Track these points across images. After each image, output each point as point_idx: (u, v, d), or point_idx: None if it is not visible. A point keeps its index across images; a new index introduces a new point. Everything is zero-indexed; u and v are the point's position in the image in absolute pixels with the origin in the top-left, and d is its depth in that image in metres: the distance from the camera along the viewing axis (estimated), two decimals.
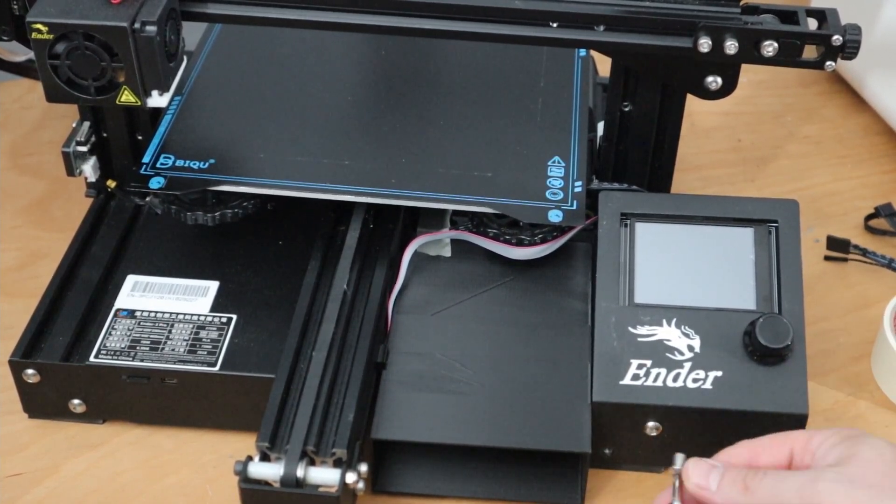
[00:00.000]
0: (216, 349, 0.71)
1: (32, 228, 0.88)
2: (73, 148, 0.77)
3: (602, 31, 0.71)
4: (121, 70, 0.67)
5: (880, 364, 0.78)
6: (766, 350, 0.67)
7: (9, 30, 0.74)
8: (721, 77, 0.72)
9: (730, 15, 0.70)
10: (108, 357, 0.71)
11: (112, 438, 0.73)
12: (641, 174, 0.79)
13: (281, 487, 0.61)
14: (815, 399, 0.75)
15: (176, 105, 0.81)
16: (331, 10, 0.71)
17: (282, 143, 0.77)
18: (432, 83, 0.84)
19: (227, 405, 0.72)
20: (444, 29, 0.71)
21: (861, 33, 0.70)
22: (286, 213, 0.79)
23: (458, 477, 0.70)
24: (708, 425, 0.68)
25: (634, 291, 0.71)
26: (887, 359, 0.76)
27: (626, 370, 0.68)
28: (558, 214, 0.73)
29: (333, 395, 0.66)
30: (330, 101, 0.82)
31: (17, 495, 0.70)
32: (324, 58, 0.86)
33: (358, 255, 0.74)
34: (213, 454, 0.72)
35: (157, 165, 0.76)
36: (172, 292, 0.75)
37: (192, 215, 0.76)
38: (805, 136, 0.99)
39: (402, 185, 0.74)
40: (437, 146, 0.78)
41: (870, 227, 0.89)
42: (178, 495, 0.70)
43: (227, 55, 0.86)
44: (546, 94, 0.83)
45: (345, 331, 0.70)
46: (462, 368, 0.70)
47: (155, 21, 0.66)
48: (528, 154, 0.78)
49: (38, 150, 0.96)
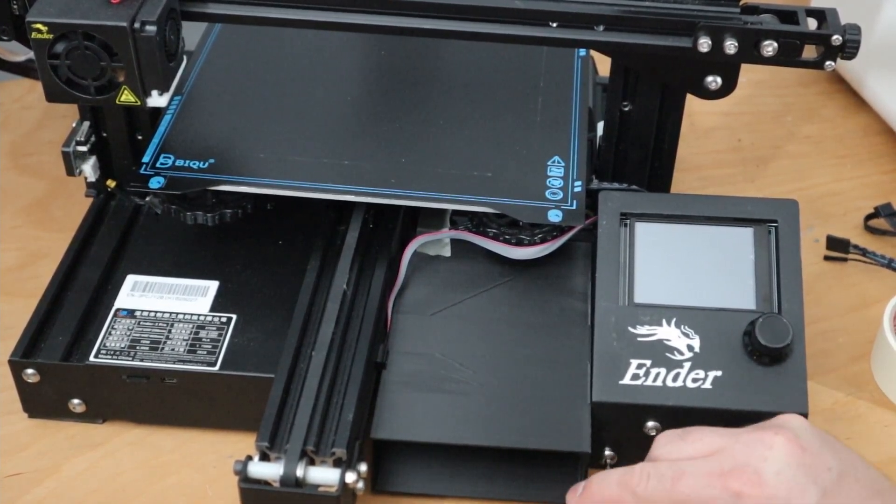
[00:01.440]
0: (216, 349, 0.71)
1: (32, 228, 0.88)
2: (73, 148, 0.77)
3: (602, 31, 0.71)
4: (121, 70, 0.67)
5: (880, 364, 0.78)
6: (766, 350, 0.67)
7: (9, 30, 0.74)
8: (721, 77, 0.72)
9: (729, 15, 0.70)
10: (107, 357, 0.71)
11: (112, 438, 0.73)
12: (641, 174, 0.79)
13: (281, 487, 0.61)
14: (814, 399, 0.75)
15: (176, 105, 0.81)
16: (331, 10, 0.71)
17: (282, 143, 0.77)
18: (432, 83, 0.84)
19: (227, 405, 0.72)
20: (444, 29, 0.71)
21: (861, 33, 0.69)
22: (286, 213, 0.79)
23: (458, 477, 0.70)
24: (708, 425, 0.68)
25: (634, 291, 0.71)
26: (887, 359, 0.76)
27: (626, 370, 0.68)
28: (558, 214, 0.73)
29: (333, 394, 0.66)
30: (330, 101, 0.82)
31: (17, 495, 0.70)
32: (324, 58, 0.86)
33: (358, 254, 0.74)
34: (213, 454, 0.72)
35: (157, 165, 0.76)
36: (172, 292, 0.75)
37: (192, 215, 0.76)
38: (805, 136, 0.99)
39: (402, 184, 0.74)
40: (437, 146, 0.78)
41: (869, 227, 0.89)
42: (178, 495, 0.70)
43: (227, 55, 0.86)
44: (546, 94, 0.83)
45: (344, 331, 0.70)
46: (462, 368, 0.71)
47: (155, 21, 0.66)
48: (527, 154, 0.78)
49: (38, 150, 0.96)
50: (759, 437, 0.61)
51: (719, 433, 0.63)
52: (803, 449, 0.60)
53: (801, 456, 0.60)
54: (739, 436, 0.62)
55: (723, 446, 0.62)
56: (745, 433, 0.62)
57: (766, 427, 0.62)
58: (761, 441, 0.60)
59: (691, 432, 0.64)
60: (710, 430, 0.63)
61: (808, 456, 0.60)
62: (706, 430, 0.63)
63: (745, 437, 0.61)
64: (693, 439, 0.63)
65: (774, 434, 0.60)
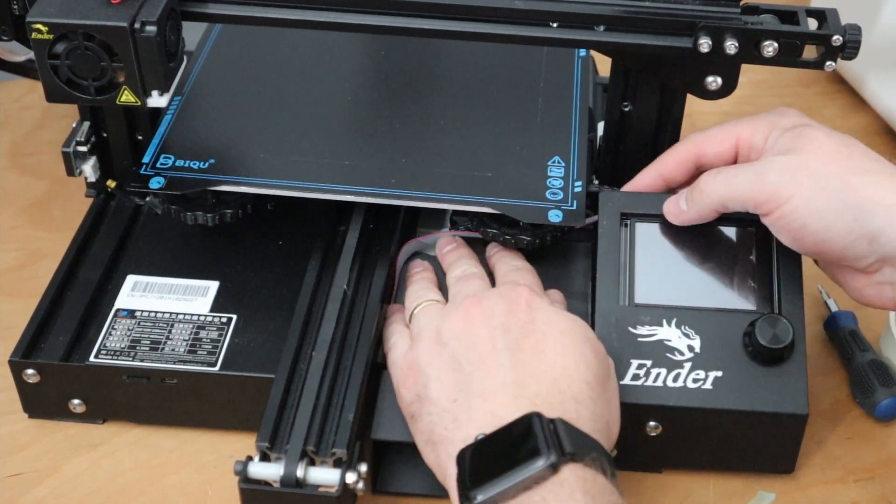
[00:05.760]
0: (216, 349, 0.71)
1: (32, 228, 0.88)
2: (73, 148, 0.77)
3: (602, 31, 0.71)
4: (121, 70, 0.67)
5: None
6: (766, 350, 0.67)
7: (9, 30, 0.74)
8: (721, 77, 0.72)
9: (730, 15, 0.70)
10: (107, 357, 0.71)
11: (112, 438, 0.73)
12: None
13: (281, 487, 0.61)
14: (815, 399, 0.75)
15: (176, 105, 0.81)
16: (331, 10, 0.71)
17: (282, 144, 0.77)
18: (432, 83, 0.84)
19: (227, 405, 0.72)
20: (444, 29, 0.71)
21: (861, 33, 0.70)
22: (286, 213, 0.79)
23: None
24: (708, 425, 0.68)
25: (634, 291, 0.71)
26: (893, 358, 0.77)
27: (627, 370, 0.68)
28: (558, 214, 0.73)
29: (333, 395, 0.66)
30: (330, 102, 0.82)
31: (17, 495, 0.70)
32: (324, 58, 0.86)
33: (358, 255, 0.74)
34: (213, 454, 0.72)
35: (157, 165, 0.76)
36: (172, 292, 0.75)
37: (192, 215, 0.76)
38: None
39: (402, 185, 0.74)
40: (437, 146, 0.78)
41: None
42: (178, 495, 0.70)
43: (227, 55, 0.86)
44: (546, 94, 0.83)
45: (345, 331, 0.70)
46: None
47: (155, 21, 0.66)
48: (527, 154, 0.78)
49: (38, 150, 0.96)
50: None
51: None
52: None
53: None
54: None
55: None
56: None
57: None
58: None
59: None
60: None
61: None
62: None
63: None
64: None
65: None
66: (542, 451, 0.55)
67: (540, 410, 0.58)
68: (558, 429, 0.57)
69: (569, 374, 0.60)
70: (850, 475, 0.72)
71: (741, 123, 0.71)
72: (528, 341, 0.62)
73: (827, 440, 0.74)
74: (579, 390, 0.60)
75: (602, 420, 0.61)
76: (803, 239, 0.65)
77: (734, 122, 0.72)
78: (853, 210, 0.63)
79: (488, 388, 0.60)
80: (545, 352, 0.61)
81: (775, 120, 0.70)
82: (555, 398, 0.59)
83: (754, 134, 0.70)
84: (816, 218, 0.64)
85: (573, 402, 0.60)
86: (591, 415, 0.60)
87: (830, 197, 0.64)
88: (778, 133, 0.69)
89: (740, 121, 0.71)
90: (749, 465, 0.71)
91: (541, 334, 0.62)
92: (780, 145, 0.68)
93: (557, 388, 0.60)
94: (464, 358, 0.62)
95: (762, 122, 0.70)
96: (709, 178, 0.68)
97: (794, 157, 0.65)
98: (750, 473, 0.72)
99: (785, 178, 0.65)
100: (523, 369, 0.60)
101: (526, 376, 0.60)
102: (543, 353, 0.61)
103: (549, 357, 0.61)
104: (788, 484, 0.71)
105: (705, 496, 0.71)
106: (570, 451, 0.56)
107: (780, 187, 0.65)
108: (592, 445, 0.57)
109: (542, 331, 0.62)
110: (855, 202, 0.63)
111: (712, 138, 0.72)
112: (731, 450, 0.70)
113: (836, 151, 0.65)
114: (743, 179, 0.66)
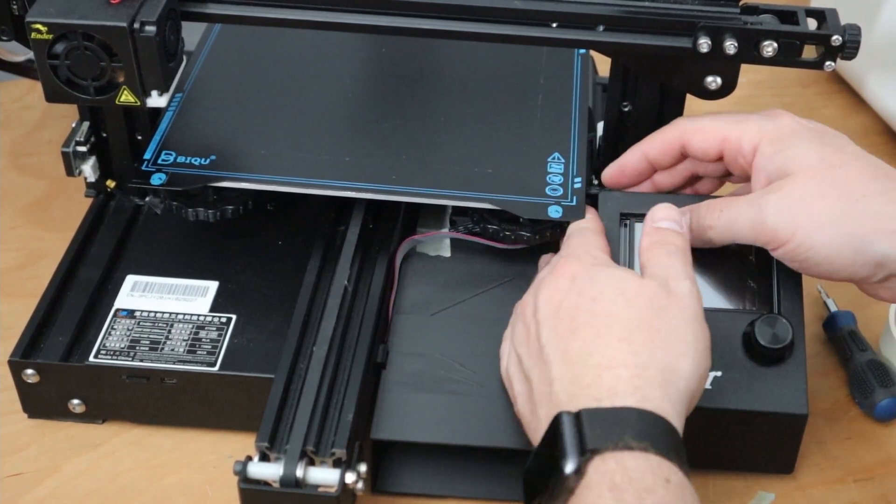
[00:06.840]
0: (216, 349, 0.71)
1: (32, 228, 0.88)
2: (73, 148, 0.77)
3: (602, 31, 0.71)
4: (120, 70, 0.67)
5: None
6: (766, 350, 0.67)
7: (8, 30, 0.74)
8: (720, 77, 0.72)
9: (729, 15, 0.70)
10: (107, 357, 0.71)
11: (112, 438, 0.73)
12: None
13: (280, 487, 0.61)
14: (815, 399, 0.75)
15: (177, 102, 0.81)
16: (331, 10, 0.71)
17: (282, 140, 0.77)
18: (432, 81, 0.84)
19: (226, 405, 0.72)
20: (444, 29, 0.71)
21: (861, 33, 0.69)
22: (286, 212, 0.79)
23: (458, 477, 0.70)
24: (708, 425, 0.68)
25: None
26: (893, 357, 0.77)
27: None
28: (558, 210, 0.73)
29: (333, 395, 0.66)
30: (330, 99, 0.82)
31: (16, 495, 0.70)
32: (324, 56, 0.86)
33: (358, 253, 0.74)
34: (213, 454, 0.72)
35: (159, 162, 0.76)
36: (172, 292, 0.75)
37: (194, 211, 0.76)
38: None
39: (403, 181, 0.74)
40: (438, 143, 0.78)
41: None
42: (178, 495, 0.70)
43: (227, 55, 0.86)
44: (546, 91, 0.83)
45: (345, 329, 0.70)
46: (462, 368, 0.70)
47: (154, 21, 0.66)
48: (527, 150, 0.78)
49: (38, 150, 0.96)
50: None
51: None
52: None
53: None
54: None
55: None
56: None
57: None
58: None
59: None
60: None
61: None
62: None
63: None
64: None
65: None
66: (567, 456, 0.55)
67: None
68: (582, 422, 0.56)
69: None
70: (849, 475, 0.72)
71: (729, 123, 0.71)
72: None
73: (826, 440, 0.74)
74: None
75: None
76: (810, 269, 0.66)
77: (724, 119, 0.71)
78: (854, 241, 0.64)
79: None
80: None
81: (764, 126, 0.69)
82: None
83: (741, 139, 0.69)
84: (819, 252, 0.64)
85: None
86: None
87: (831, 230, 0.64)
88: (767, 144, 0.68)
89: (728, 118, 0.71)
90: (748, 465, 0.71)
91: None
92: (772, 168, 0.67)
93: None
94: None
95: (751, 128, 0.70)
96: (712, 216, 0.69)
97: (788, 191, 0.65)
98: (749, 473, 0.72)
99: (783, 217, 0.65)
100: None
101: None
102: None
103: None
104: (788, 484, 0.71)
105: (705, 496, 0.70)
106: (591, 448, 0.55)
107: (779, 229, 0.65)
108: (617, 420, 0.56)
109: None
110: (855, 233, 0.63)
111: (699, 132, 0.71)
112: (730, 450, 0.70)
113: (829, 176, 0.65)
114: (743, 224, 0.67)
